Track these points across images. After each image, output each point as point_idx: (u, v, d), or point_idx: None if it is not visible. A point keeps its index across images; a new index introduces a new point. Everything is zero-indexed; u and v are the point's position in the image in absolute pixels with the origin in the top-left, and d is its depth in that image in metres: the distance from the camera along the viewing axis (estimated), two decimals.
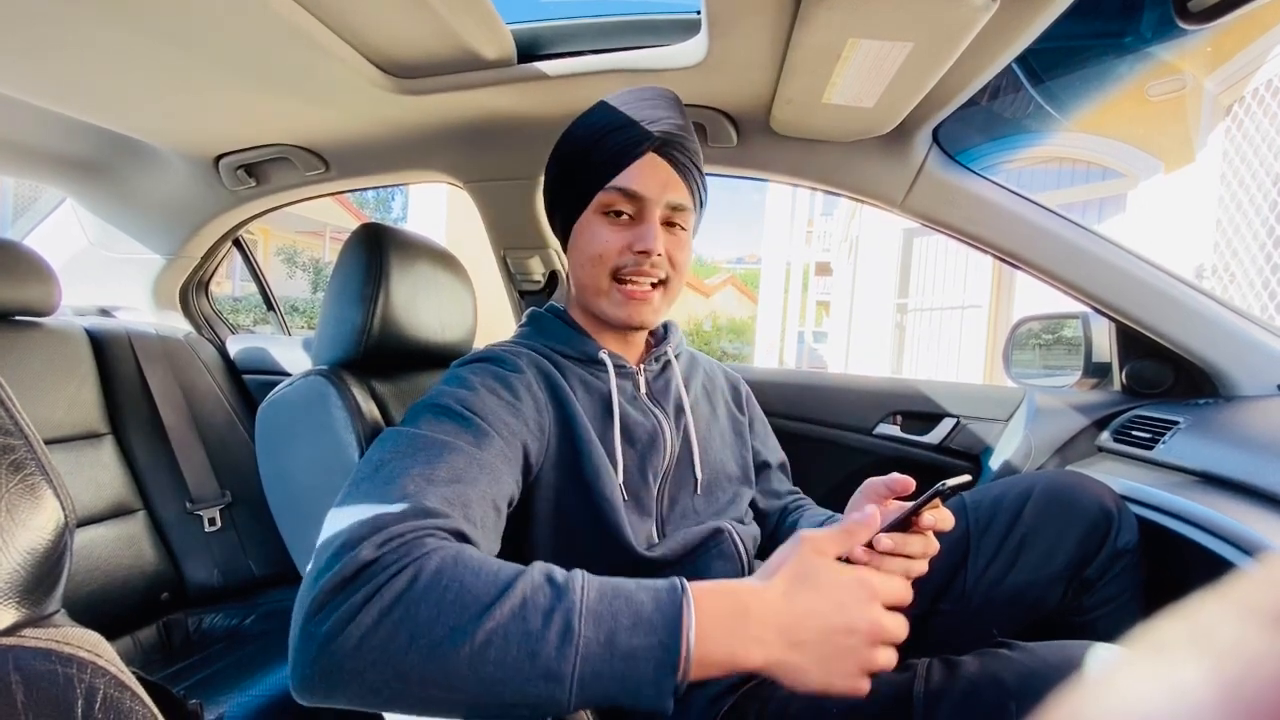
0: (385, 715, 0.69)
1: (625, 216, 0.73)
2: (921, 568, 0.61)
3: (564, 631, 0.43)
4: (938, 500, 0.59)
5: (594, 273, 0.74)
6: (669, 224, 0.75)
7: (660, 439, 0.76)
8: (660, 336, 0.86)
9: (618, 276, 0.74)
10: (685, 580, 0.48)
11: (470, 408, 0.62)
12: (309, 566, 0.47)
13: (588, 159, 0.73)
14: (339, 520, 0.48)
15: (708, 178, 0.83)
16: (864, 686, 0.47)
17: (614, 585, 0.47)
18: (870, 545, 0.60)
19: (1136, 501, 0.81)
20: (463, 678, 0.42)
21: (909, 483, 0.66)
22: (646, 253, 0.72)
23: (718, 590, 0.48)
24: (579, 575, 0.47)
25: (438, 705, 0.43)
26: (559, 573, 0.47)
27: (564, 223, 0.78)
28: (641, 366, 0.80)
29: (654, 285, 0.75)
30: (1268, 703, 0.10)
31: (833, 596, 0.48)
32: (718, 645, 0.45)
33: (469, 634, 0.42)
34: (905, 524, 0.60)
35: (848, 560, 0.61)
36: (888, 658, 0.48)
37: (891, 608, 0.49)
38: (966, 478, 0.60)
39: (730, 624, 0.46)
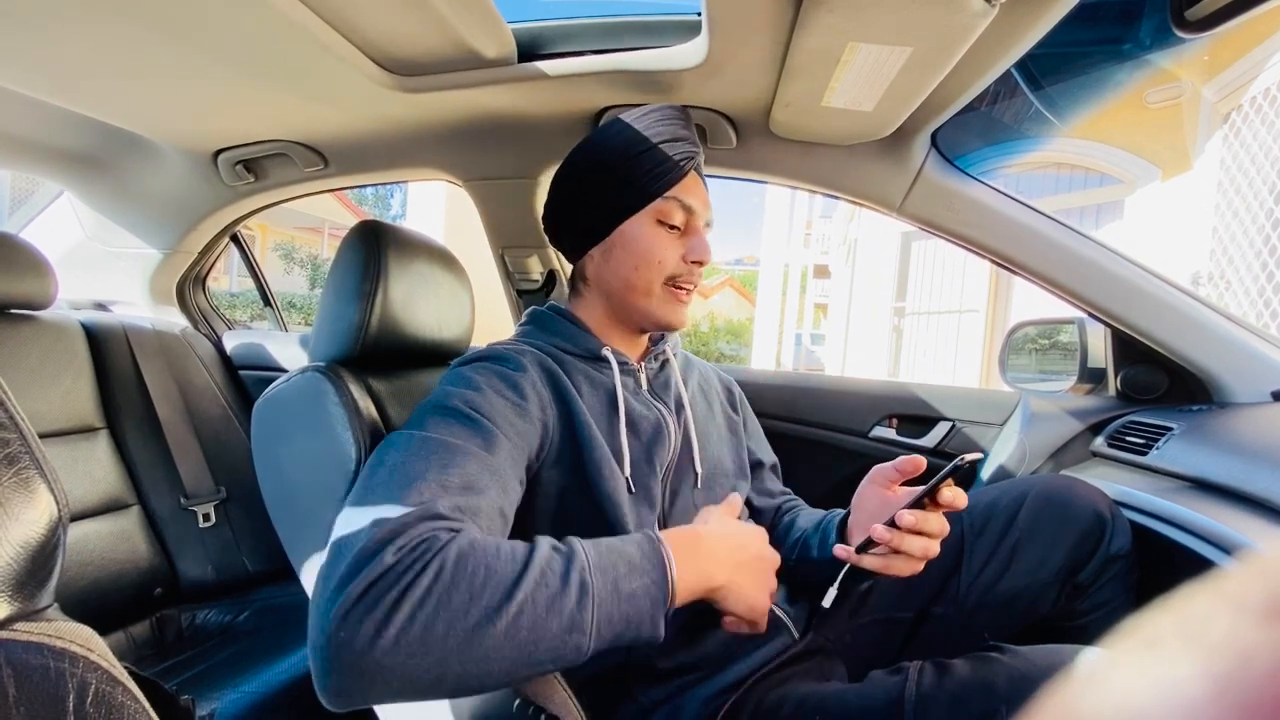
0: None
1: (675, 228, 0.77)
2: (937, 548, 0.62)
3: (581, 586, 0.49)
4: (951, 478, 0.60)
5: (648, 277, 0.76)
6: None
7: (665, 431, 0.76)
8: (658, 337, 0.87)
9: (670, 283, 0.77)
10: (654, 530, 0.60)
11: (478, 409, 0.62)
12: (322, 566, 0.48)
13: (641, 166, 0.75)
14: (354, 521, 0.49)
15: (708, 177, 0.85)
16: (765, 611, 0.62)
17: (605, 542, 0.55)
18: (893, 523, 0.61)
19: (1130, 507, 0.81)
20: (500, 649, 0.46)
21: (919, 462, 0.67)
22: (701, 262, 0.77)
23: (679, 533, 0.59)
24: (574, 539, 0.54)
25: (472, 681, 0.46)
26: (559, 541, 0.54)
27: (600, 226, 0.78)
28: (642, 363, 0.81)
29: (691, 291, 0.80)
30: (1259, 698, 0.10)
31: (747, 533, 0.64)
32: (690, 574, 0.56)
33: (503, 609, 0.46)
34: (922, 503, 0.61)
35: (869, 542, 0.64)
36: (774, 584, 0.64)
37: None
38: (980, 454, 0.62)
39: (694, 556, 0.57)
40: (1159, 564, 0.77)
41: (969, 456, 0.60)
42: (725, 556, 0.59)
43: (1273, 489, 0.69)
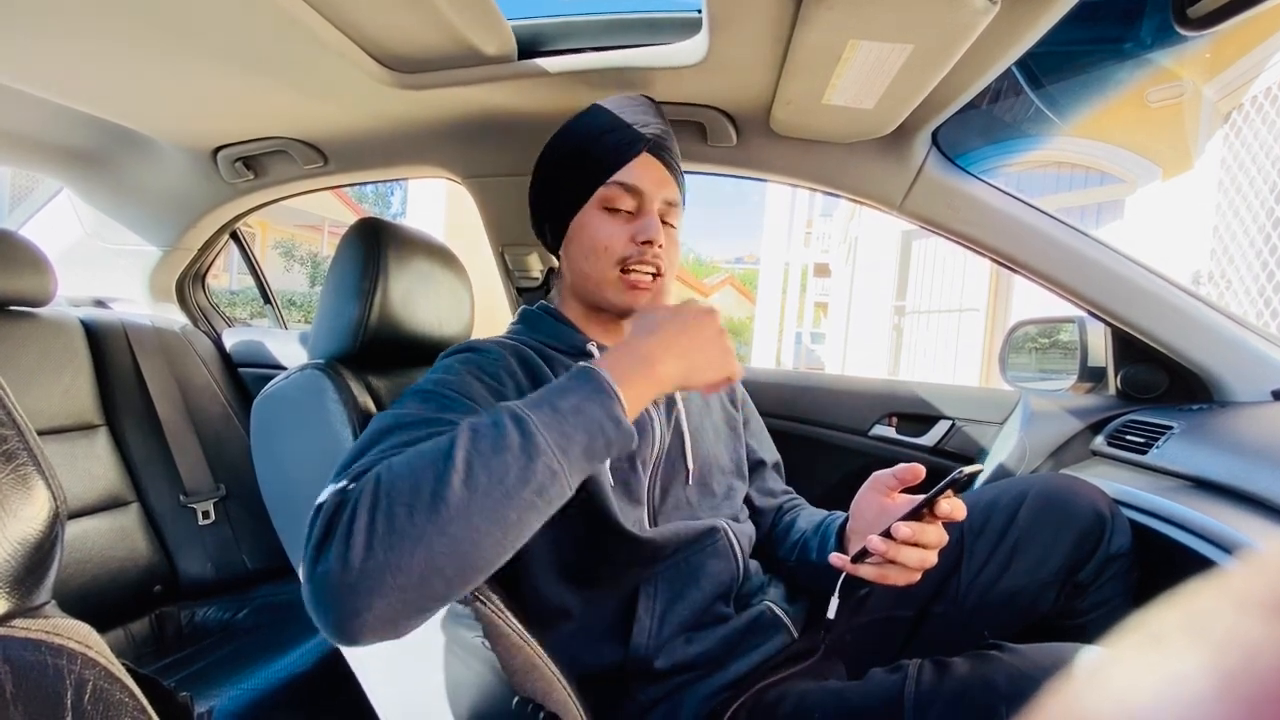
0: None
1: (625, 212, 0.76)
2: (934, 559, 0.62)
3: (515, 420, 0.49)
4: (950, 490, 0.60)
5: (599, 264, 0.76)
6: (663, 221, 0.78)
7: (649, 429, 0.76)
8: None
9: (623, 267, 0.76)
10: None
11: (454, 389, 0.62)
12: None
13: (587, 156, 0.76)
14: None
15: (704, 176, 0.85)
16: (738, 367, 0.62)
17: (533, 393, 0.55)
18: (888, 534, 0.61)
19: (1130, 505, 0.81)
20: (469, 505, 0.45)
21: (918, 471, 0.67)
22: (650, 242, 0.75)
23: (608, 352, 0.59)
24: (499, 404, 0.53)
25: (468, 550, 0.45)
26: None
27: (560, 219, 0.80)
28: None
29: (654, 275, 0.77)
30: (1264, 693, 0.10)
31: (675, 311, 0.62)
32: (631, 370, 0.55)
33: (449, 470, 0.46)
34: (920, 513, 0.61)
35: (865, 551, 0.62)
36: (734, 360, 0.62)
37: None
38: (979, 467, 0.61)
39: (624, 355, 0.57)
40: (1159, 563, 0.77)
41: (968, 470, 0.60)
42: (661, 343, 0.58)
43: (1273, 488, 0.69)
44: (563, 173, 0.79)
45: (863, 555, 0.63)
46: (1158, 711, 0.11)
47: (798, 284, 10.14)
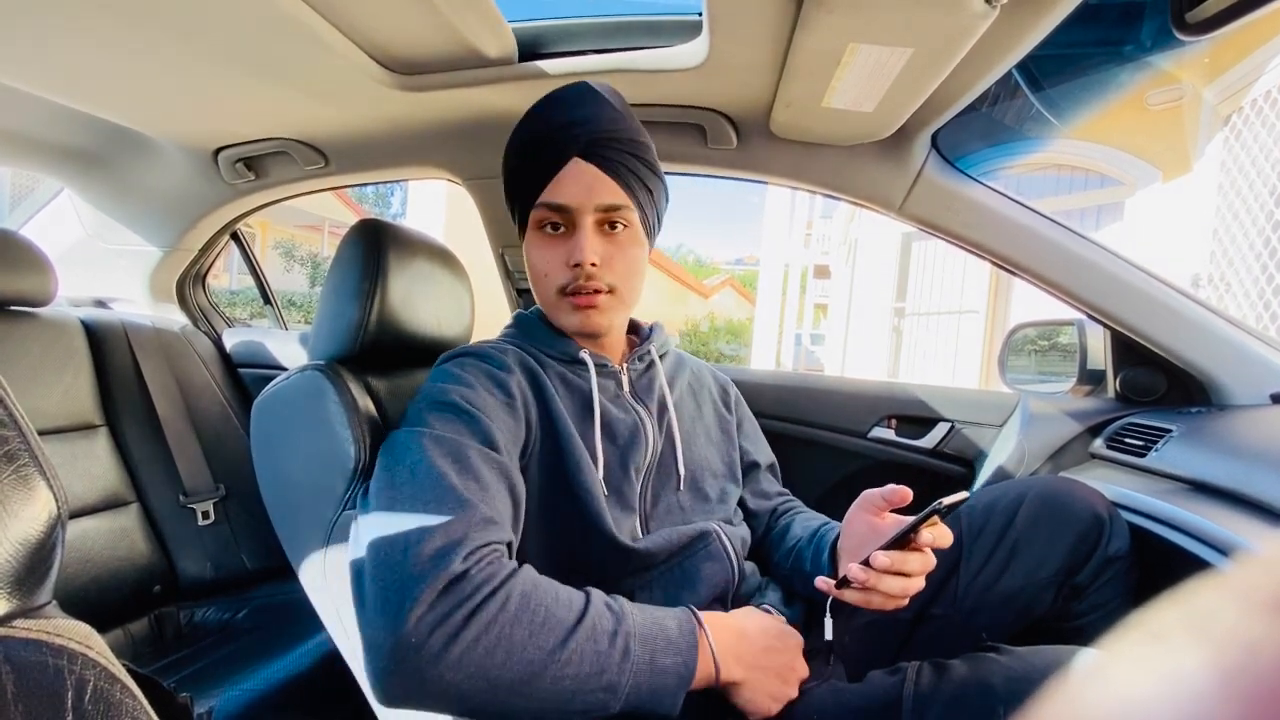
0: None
1: (561, 229, 0.73)
2: (919, 585, 0.62)
3: (625, 651, 0.53)
4: (935, 518, 0.60)
5: (542, 290, 0.76)
6: (609, 225, 0.73)
7: (641, 435, 0.76)
8: (644, 336, 0.87)
9: (564, 291, 0.74)
10: (695, 609, 0.61)
11: (474, 404, 0.64)
12: (367, 566, 0.51)
13: (519, 177, 0.74)
14: (396, 524, 0.52)
15: (709, 178, 0.84)
16: (776, 709, 0.62)
17: (649, 612, 0.59)
18: (867, 562, 0.60)
19: (1128, 508, 0.81)
20: (545, 688, 0.50)
21: (906, 494, 0.67)
22: (579, 265, 0.71)
23: (721, 623, 0.62)
24: (622, 600, 0.58)
25: (506, 711, 0.51)
26: (610, 598, 0.58)
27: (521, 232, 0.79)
28: (624, 365, 0.81)
29: (598, 291, 0.73)
30: (1265, 691, 0.10)
31: (785, 639, 0.66)
32: (720, 664, 0.59)
33: (557, 653, 0.51)
34: (903, 541, 0.60)
35: (846, 579, 0.63)
36: (793, 693, 0.64)
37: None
38: (964, 495, 0.61)
39: (727, 648, 0.60)
40: (1157, 565, 0.77)
41: (948, 500, 0.59)
42: (752, 655, 0.61)
43: (1271, 491, 0.69)
44: (507, 188, 0.77)
45: (846, 581, 0.63)
46: (1158, 708, 0.11)
47: (797, 285, 10.15)
